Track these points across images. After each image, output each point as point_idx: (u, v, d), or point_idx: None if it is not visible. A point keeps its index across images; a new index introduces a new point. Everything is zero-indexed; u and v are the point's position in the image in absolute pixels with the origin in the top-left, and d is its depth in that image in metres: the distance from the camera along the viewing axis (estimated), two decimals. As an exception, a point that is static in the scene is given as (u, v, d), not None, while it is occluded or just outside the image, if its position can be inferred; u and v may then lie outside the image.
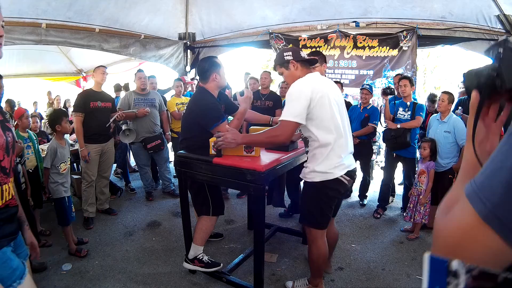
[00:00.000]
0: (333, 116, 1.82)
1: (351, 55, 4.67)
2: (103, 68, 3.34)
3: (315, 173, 1.86)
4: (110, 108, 3.38)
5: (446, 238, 0.46)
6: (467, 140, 0.58)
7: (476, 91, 0.56)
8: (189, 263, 2.33)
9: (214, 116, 2.15)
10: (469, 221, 0.41)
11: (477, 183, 0.42)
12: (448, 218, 0.46)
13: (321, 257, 2.01)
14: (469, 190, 0.43)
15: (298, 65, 1.92)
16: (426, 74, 15.35)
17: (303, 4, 4.54)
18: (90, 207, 3.25)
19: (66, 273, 2.44)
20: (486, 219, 0.39)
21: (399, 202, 3.79)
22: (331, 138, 1.82)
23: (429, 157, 2.93)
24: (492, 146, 0.59)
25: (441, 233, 0.48)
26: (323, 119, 1.80)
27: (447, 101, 2.93)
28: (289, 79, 1.95)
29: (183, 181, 2.28)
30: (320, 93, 1.78)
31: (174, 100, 4.24)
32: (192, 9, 5.21)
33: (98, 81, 3.31)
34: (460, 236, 0.43)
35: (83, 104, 3.17)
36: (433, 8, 3.97)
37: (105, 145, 3.35)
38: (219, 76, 2.24)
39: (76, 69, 7.06)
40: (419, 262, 2.61)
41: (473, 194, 0.41)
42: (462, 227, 0.43)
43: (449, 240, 0.45)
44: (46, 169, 2.64)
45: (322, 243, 1.98)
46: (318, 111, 1.78)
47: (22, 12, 3.67)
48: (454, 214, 0.46)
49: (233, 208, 3.74)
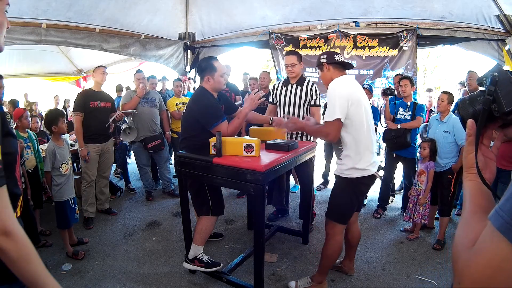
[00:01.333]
0: (367, 115, 1.97)
1: (351, 55, 4.67)
2: (103, 68, 3.34)
3: (354, 170, 1.96)
4: (110, 108, 3.38)
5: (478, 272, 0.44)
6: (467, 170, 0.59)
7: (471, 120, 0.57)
8: (189, 263, 2.33)
9: (214, 116, 2.16)
10: (504, 256, 0.40)
11: (505, 212, 0.41)
12: (477, 252, 0.45)
13: (336, 253, 2.11)
14: (499, 222, 0.41)
15: (331, 67, 2.07)
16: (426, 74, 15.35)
17: (303, 4, 4.54)
18: (90, 207, 3.25)
19: (66, 273, 2.44)
20: None
21: (399, 202, 3.79)
22: (367, 136, 1.96)
23: (429, 157, 2.92)
24: (492, 173, 0.59)
25: (469, 268, 0.45)
26: (359, 118, 1.92)
27: (446, 101, 2.92)
28: (323, 80, 2.11)
29: (183, 181, 2.28)
30: (356, 93, 1.93)
31: (174, 100, 4.24)
32: (192, 9, 5.21)
33: (98, 81, 3.31)
34: (495, 268, 0.41)
35: (83, 104, 3.17)
36: (433, 8, 3.97)
37: (105, 145, 3.35)
38: (212, 80, 2.23)
39: (76, 69, 7.06)
40: (419, 262, 2.61)
41: (505, 225, 0.40)
42: (497, 260, 0.41)
43: (482, 273, 0.43)
44: (47, 172, 2.59)
45: (340, 239, 2.10)
46: (355, 110, 1.90)
47: (22, 12, 3.67)
48: (484, 247, 0.44)
49: (233, 208, 3.74)
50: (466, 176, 0.59)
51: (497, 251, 0.41)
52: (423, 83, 14.69)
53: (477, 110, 0.56)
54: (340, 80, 1.97)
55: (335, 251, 2.09)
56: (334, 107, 1.87)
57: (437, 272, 2.46)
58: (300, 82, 2.92)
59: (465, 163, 0.60)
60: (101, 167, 3.40)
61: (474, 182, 0.57)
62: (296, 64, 2.87)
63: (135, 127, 3.68)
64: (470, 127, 0.57)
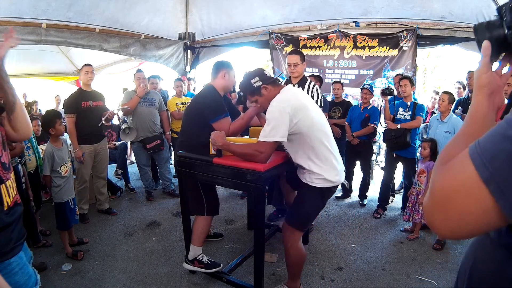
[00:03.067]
0: (320, 123, 1.89)
1: (351, 55, 4.67)
2: (86, 68, 3.27)
3: (324, 180, 1.89)
4: (102, 107, 3.35)
5: (442, 187, 0.49)
6: (478, 88, 0.61)
7: (487, 41, 0.58)
8: (189, 264, 2.33)
9: (219, 109, 2.19)
10: (467, 176, 0.45)
11: (481, 146, 0.45)
12: (447, 168, 0.49)
13: (301, 259, 2.06)
14: (473, 150, 0.46)
15: (269, 87, 1.88)
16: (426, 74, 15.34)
17: (303, 4, 4.54)
18: (84, 205, 3.30)
19: (66, 273, 2.43)
20: (486, 181, 0.42)
21: (399, 202, 3.79)
22: (327, 145, 1.89)
23: (429, 157, 2.92)
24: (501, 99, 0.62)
25: (437, 181, 0.50)
26: (312, 128, 1.83)
27: (447, 101, 2.92)
28: (266, 104, 1.87)
29: (183, 181, 2.28)
30: (300, 104, 1.81)
31: (174, 100, 4.24)
32: (192, 9, 5.21)
33: (84, 82, 3.28)
34: (455, 187, 0.47)
35: (75, 105, 3.15)
36: (433, 8, 3.97)
37: (98, 146, 3.34)
38: (227, 75, 2.30)
39: (76, 69, 7.04)
40: (419, 262, 2.61)
41: (476, 155, 0.45)
42: (459, 180, 0.46)
43: (444, 189, 0.48)
44: (46, 176, 2.58)
45: (301, 245, 2.04)
46: (304, 122, 1.79)
47: (22, 12, 3.67)
48: (453, 166, 0.49)
49: (233, 208, 3.74)
50: (477, 94, 0.61)
51: (462, 170, 0.46)
52: (423, 83, 14.69)
53: (494, 35, 0.57)
54: (281, 96, 1.83)
55: (301, 256, 2.04)
56: (276, 128, 1.73)
57: (437, 272, 2.46)
58: (302, 83, 2.92)
59: (477, 82, 0.61)
60: (96, 168, 3.40)
61: (481, 102, 0.59)
62: (298, 63, 2.86)
63: (134, 126, 3.68)
64: (486, 48, 0.59)
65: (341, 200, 3.98)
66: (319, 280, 2.38)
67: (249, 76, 1.90)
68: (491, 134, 0.45)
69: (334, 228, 3.24)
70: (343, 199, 4.02)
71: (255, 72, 1.92)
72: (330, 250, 2.80)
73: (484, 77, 0.60)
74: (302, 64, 2.89)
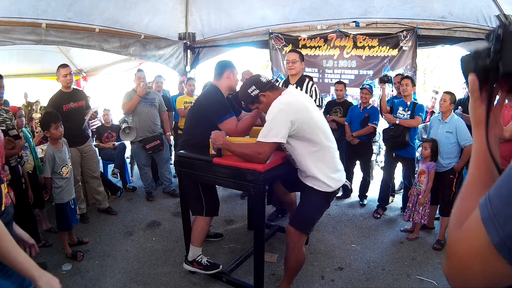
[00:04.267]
0: (321, 124, 1.89)
1: (350, 55, 4.67)
2: (64, 70, 3.17)
3: (327, 186, 1.89)
4: (84, 107, 3.32)
5: (459, 253, 0.48)
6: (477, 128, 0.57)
7: (473, 74, 0.55)
8: (188, 264, 2.33)
9: (224, 110, 2.18)
10: (482, 245, 0.43)
11: (493, 208, 0.43)
12: (462, 234, 0.48)
13: (300, 263, 2.06)
14: (484, 214, 0.43)
15: (267, 93, 1.86)
16: (426, 74, 15.33)
17: (303, 4, 4.54)
18: (81, 204, 3.30)
19: (66, 273, 2.44)
20: (498, 247, 0.41)
21: (399, 202, 3.79)
22: (328, 146, 1.90)
23: (430, 157, 2.92)
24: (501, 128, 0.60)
25: (454, 246, 0.49)
26: (314, 129, 1.84)
27: (449, 101, 2.91)
28: (266, 109, 1.85)
29: (183, 181, 2.28)
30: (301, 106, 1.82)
31: (183, 98, 4.32)
32: (192, 9, 5.21)
33: (63, 85, 3.21)
34: (471, 255, 0.45)
35: (56, 109, 3.02)
36: (433, 8, 3.96)
37: (84, 147, 3.32)
38: (232, 75, 2.30)
39: (76, 69, 7.05)
40: (419, 262, 2.61)
41: (489, 220, 0.42)
42: (474, 248, 0.45)
43: (461, 256, 0.47)
44: (47, 178, 2.57)
45: (304, 250, 2.04)
46: (305, 124, 1.80)
47: (22, 12, 3.66)
48: (468, 232, 0.47)
49: (233, 208, 3.74)
50: (477, 135, 0.58)
51: (477, 239, 0.44)
52: (423, 83, 14.69)
53: (479, 66, 0.54)
54: (282, 98, 1.82)
55: (302, 262, 2.05)
56: (276, 129, 1.73)
57: (437, 272, 2.46)
58: (300, 82, 2.92)
59: (473, 119, 0.58)
60: (88, 169, 3.40)
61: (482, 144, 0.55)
62: (297, 61, 2.86)
63: (134, 126, 3.68)
64: (472, 83, 0.56)
65: (341, 200, 3.98)
66: (319, 280, 2.38)
67: (246, 86, 1.89)
68: (500, 188, 0.43)
69: (334, 228, 3.24)
70: (343, 199, 4.02)
71: (250, 81, 1.90)
72: (330, 250, 2.80)
73: (478, 113, 0.56)
74: (300, 63, 2.89)
